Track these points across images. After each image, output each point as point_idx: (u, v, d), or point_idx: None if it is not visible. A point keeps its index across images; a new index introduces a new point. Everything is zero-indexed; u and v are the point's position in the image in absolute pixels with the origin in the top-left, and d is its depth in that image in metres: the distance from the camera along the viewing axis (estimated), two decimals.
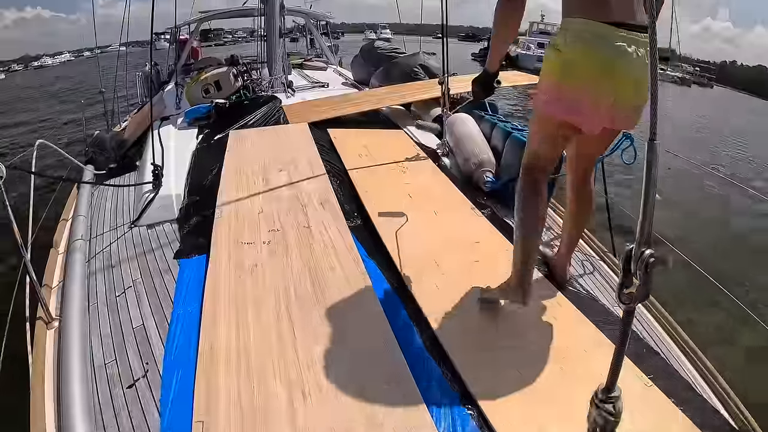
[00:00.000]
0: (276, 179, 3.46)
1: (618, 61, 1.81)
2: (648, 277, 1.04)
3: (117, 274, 2.65)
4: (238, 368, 1.82)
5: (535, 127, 2.16)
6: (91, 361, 2.01)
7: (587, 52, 1.85)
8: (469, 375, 1.85)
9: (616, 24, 1.81)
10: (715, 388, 2.12)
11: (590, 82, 1.87)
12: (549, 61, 1.98)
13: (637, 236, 1.05)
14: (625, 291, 1.10)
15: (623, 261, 1.08)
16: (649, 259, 1.03)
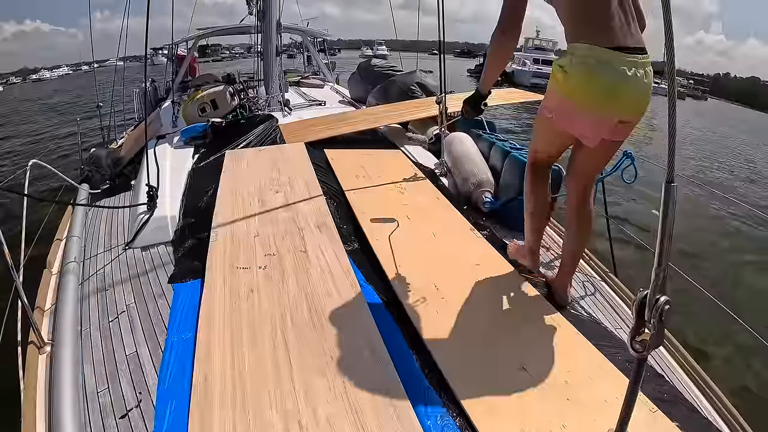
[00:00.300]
0: (272, 201, 3.42)
1: (621, 85, 1.99)
2: (662, 326, 1.01)
3: (110, 298, 2.61)
4: (234, 399, 1.77)
5: (539, 131, 2.50)
6: (83, 389, 1.97)
7: (592, 76, 2.01)
8: (470, 404, 1.81)
9: (617, 48, 1.98)
10: (722, 412, 2.10)
11: (595, 103, 2.06)
12: (556, 80, 2.15)
13: (651, 282, 1.02)
14: (638, 339, 1.06)
15: (636, 307, 1.05)
16: (664, 306, 1.00)
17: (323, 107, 6.86)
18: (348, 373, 1.90)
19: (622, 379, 1.96)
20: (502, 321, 2.32)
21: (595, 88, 2.03)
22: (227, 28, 10.47)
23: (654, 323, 1.02)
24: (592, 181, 2.48)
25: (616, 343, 2.34)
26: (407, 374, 1.95)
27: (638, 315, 1.05)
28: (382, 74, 7.13)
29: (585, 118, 2.12)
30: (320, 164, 4.19)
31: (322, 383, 1.84)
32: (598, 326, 2.50)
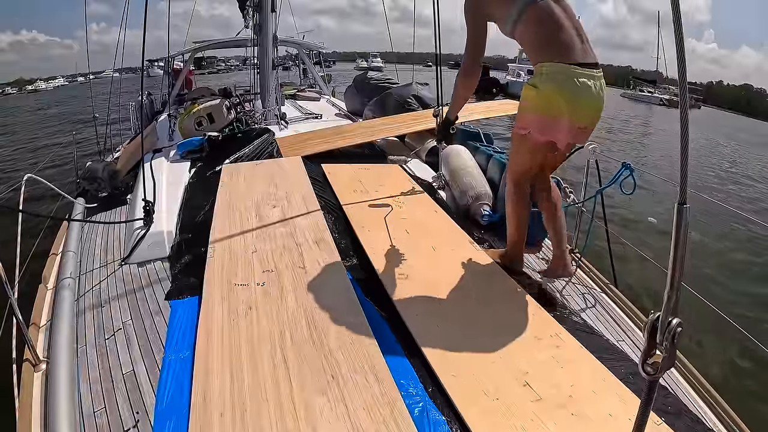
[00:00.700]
0: (269, 216, 3.40)
1: (584, 94, 2.41)
2: (674, 348, 1.02)
3: (106, 314, 2.58)
4: (233, 419, 1.74)
5: (518, 150, 2.76)
6: (80, 409, 1.93)
7: (561, 89, 2.42)
8: (473, 421, 1.79)
9: (578, 64, 2.41)
10: (726, 422, 2.09)
11: (565, 111, 2.43)
12: (529, 98, 2.56)
13: (663, 304, 1.02)
14: (649, 361, 1.07)
15: (648, 330, 1.05)
16: (676, 329, 1.00)
17: (320, 120, 6.86)
18: (349, 392, 1.87)
19: (626, 393, 1.96)
20: (504, 335, 2.29)
21: (564, 97, 2.42)
22: (224, 41, 10.49)
23: (666, 346, 1.02)
24: (554, 170, 2.99)
25: (618, 355, 2.33)
26: (409, 392, 1.94)
27: (650, 337, 1.05)
28: (378, 87, 7.14)
29: (558, 126, 2.48)
30: (317, 178, 4.18)
31: (323, 402, 1.82)
32: (600, 339, 2.49)
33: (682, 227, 1.01)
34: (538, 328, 2.35)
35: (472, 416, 1.82)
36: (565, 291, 3.02)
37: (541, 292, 2.87)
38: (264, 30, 6.37)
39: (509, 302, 2.57)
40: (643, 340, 1.05)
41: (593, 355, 2.19)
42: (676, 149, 1.00)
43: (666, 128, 27.19)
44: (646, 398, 1.12)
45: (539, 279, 3.08)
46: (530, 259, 3.37)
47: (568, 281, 3.11)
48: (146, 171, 3.65)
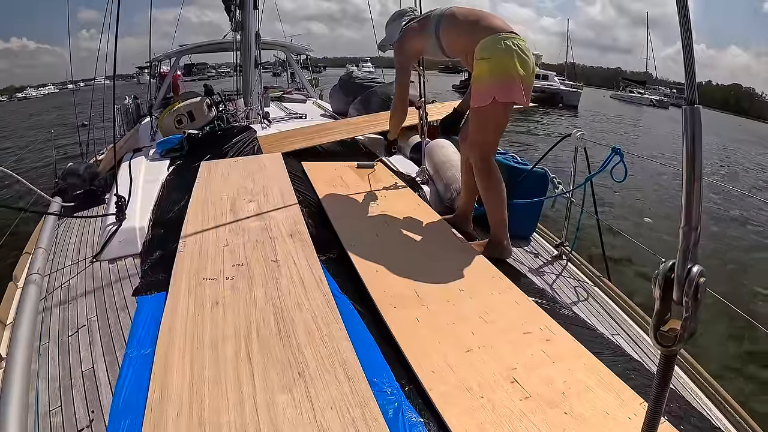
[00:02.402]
0: (244, 210, 3.27)
1: (522, 52, 2.77)
2: (698, 306, 0.76)
3: (72, 311, 2.47)
4: (190, 419, 1.59)
5: (485, 123, 2.95)
6: (36, 408, 1.83)
7: (507, 51, 2.75)
8: (456, 423, 1.64)
9: (505, 32, 2.81)
10: (733, 417, 2.02)
11: (516, 69, 2.75)
12: (485, 70, 2.82)
13: (680, 248, 0.79)
14: (664, 328, 0.81)
15: (660, 284, 0.81)
16: (698, 279, 0.75)
17: (304, 120, 6.74)
18: (317, 391, 1.72)
19: (624, 390, 1.82)
20: (490, 329, 2.15)
21: (512, 57, 2.74)
22: (209, 43, 10.39)
23: (687, 303, 0.76)
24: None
25: (614, 350, 2.23)
26: (383, 392, 1.78)
27: (663, 294, 0.80)
28: (363, 86, 7.05)
29: (515, 84, 2.76)
30: (298, 174, 4.07)
31: (287, 401, 1.67)
32: (594, 333, 2.38)
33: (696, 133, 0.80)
34: (527, 322, 2.21)
35: (453, 417, 1.66)
36: (556, 284, 2.93)
37: (530, 285, 2.76)
38: (246, 27, 6.27)
39: (495, 294, 2.43)
40: (639, 336, 0.86)
41: (587, 350, 2.05)
42: (670, 145, 0.82)
43: (657, 127, 27.38)
44: (661, 378, 0.86)
45: (527, 272, 2.96)
46: (518, 253, 3.25)
47: (558, 274, 3.01)
48: (123, 169, 3.55)
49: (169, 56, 10.46)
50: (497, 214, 2.97)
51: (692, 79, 0.81)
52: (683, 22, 0.85)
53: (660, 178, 9.86)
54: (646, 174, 11.87)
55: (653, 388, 0.88)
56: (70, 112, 14.89)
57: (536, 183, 3.55)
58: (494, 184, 2.97)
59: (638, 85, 57.40)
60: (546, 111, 30.95)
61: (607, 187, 8.33)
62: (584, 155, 3.31)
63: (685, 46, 0.83)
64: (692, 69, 0.82)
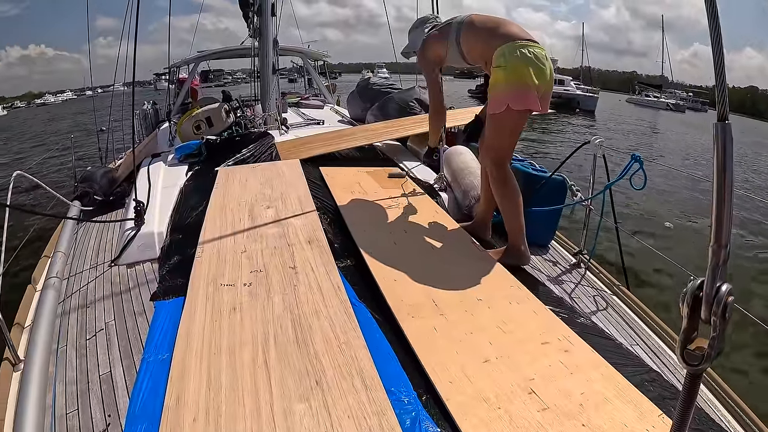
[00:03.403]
0: (262, 216, 3.27)
1: (540, 61, 2.79)
2: (725, 325, 0.76)
3: (90, 315, 2.48)
4: (206, 425, 1.59)
5: (499, 129, 2.99)
6: (53, 411, 1.85)
7: (524, 59, 2.77)
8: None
9: (523, 40, 2.82)
10: (741, 418, 2.01)
11: (532, 77, 2.76)
12: (500, 77, 2.84)
13: (709, 266, 0.78)
14: (691, 347, 0.81)
15: (689, 302, 0.80)
16: (727, 299, 0.75)
17: (321, 126, 6.73)
18: (334, 400, 1.71)
19: (643, 401, 1.80)
20: (508, 339, 2.13)
21: (529, 66, 2.76)
22: (227, 49, 10.45)
23: (715, 322, 0.76)
24: None
25: (633, 361, 2.19)
26: (400, 402, 1.77)
27: (691, 313, 0.80)
28: (381, 92, 7.01)
29: (530, 92, 2.78)
30: (316, 181, 4.07)
31: (304, 409, 1.66)
32: (613, 343, 2.35)
33: (727, 151, 0.80)
34: (545, 332, 2.19)
35: (470, 427, 1.65)
36: (574, 293, 2.90)
37: (548, 294, 2.74)
38: (264, 33, 6.29)
39: (513, 304, 2.41)
40: (659, 346, 0.84)
41: (606, 361, 2.03)
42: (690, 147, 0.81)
43: (674, 132, 27.11)
44: (687, 396, 0.86)
45: (546, 280, 2.94)
46: (537, 261, 3.23)
47: (577, 283, 2.98)
48: (142, 174, 3.57)
49: (188, 62, 10.55)
50: (514, 221, 2.97)
51: (723, 96, 0.82)
52: (715, 46, 0.85)
53: (680, 183, 9.75)
54: (667, 180, 11.77)
55: (678, 407, 0.87)
56: (87, 117, 15.10)
57: (555, 190, 3.52)
58: (510, 191, 2.98)
59: (654, 88, 56.98)
60: (563, 116, 30.76)
61: (626, 195, 8.27)
62: (603, 162, 3.27)
63: (717, 67, 0.82)
64: (723, 86, 0.82)
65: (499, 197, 3.04)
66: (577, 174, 6.26)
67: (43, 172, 10.86)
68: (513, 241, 2.99)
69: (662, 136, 27.38)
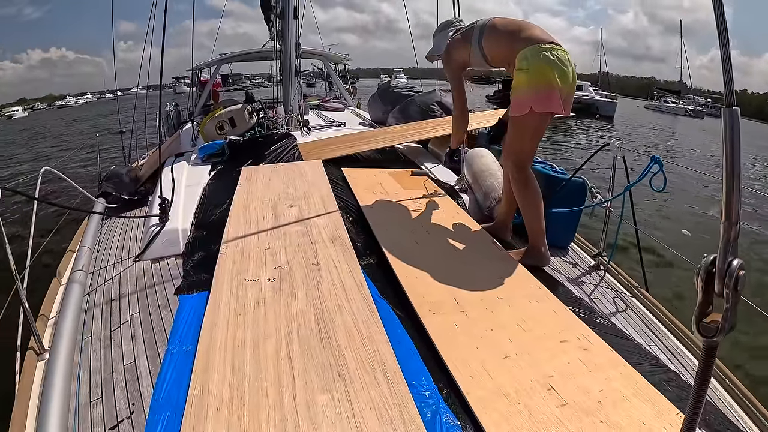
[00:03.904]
0: (286, 215, 3.32)
1: (563, 63, 2.78)
2: (738, 298, 0.81)
3: (115, 308, 2.54)
4: (230, 416, 1.63)
5: (521, 132, 2.99)
6: (77, 398, 1.89)
7: (547, 62, 2.77)
8: (493, 428, 1.64)
9: (546, 43, 2.82)
10: (753, 413, 2.02)
11: (555, 79, 2.76)
12: (523, 80, 2.84)
13: (720, 242, 0.83)
14: (706, 320, 0.85)
15: (702, 277, 0.85)
16: (738, 272, 0.80)
17: (342, 128, 6.78)
18: (356, 392, 1.75)
19: (660, 400, 1.81)
20: (528, 336, 2.15)
21: (551, 68, 2.76)
22: (249, 52, 10.54)
23: (728, 294, 0.81)
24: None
25: (651, 361, 2.20)
26: (421, 395, 1.80)
27: (705, 287, 0.84)
28: (402, 95, 7.04)
29: (552, 94, 2.77)
30: (338, 181, 4.11)
31: (326, 400, 1.70)
32: (631, 343, 2.36)
33: (735, 133, 0.84)
34: (565, 330, 2.20)
35: (490, 421, 1.67)
36: (594, 294, 2.91)
37: (568, 295, 2.75)
38: (287, 36, 6.34)
39: (533, 303, 2.43)
40: (677, 347, 0.88)
41: (624, 360, 2.04)
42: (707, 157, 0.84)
43: (692, 138, 26.80)
44: (703, 369, 0.90)
45: (565, 281, 2.95)
46: (556, 262, 3.24)
47: (596, 284, 2.99)
48: (165, 172, 3.64)
49: (210, 64, 10.67)
50: (534, 223, 2.98)
51: (730, 83, 0.86)
52: (720, 26, 0.87)
53: (698, 186, 9.66)
54: (686, 184, 11.68)
55: (695, 379, 0.92)
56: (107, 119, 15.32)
57: (575, 192, 3.52)
58: (530, 192, 3.00)
59: (672, 94, 56.31)
60: (582, 122, 30.52)
61: (646, 197, 8.22)
62: (623, 164, 3.28)
63: (723, 52, 0.86)
64: (730, 74, 0.86)
65: (520, 199, 3.05)
66: (597, 176, 6.24)
67: (67, 170, 11.03)
68: (533, 242, 3.01)
69: (681, 143, 27.06)
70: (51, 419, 1.69)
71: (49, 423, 1.67)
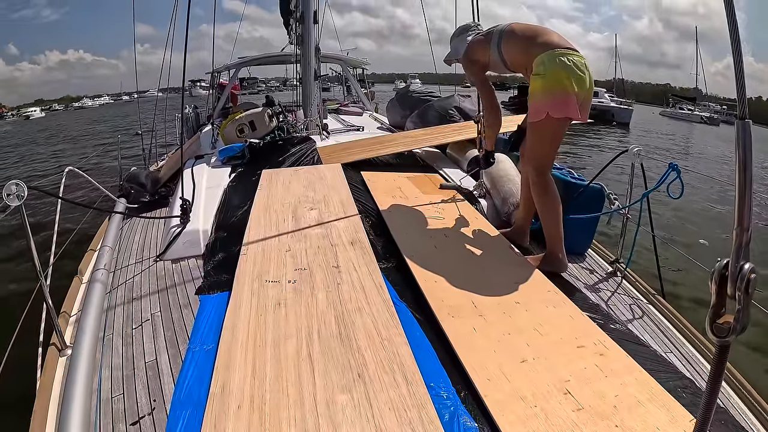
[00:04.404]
0: (306, 218, 3.36)
1: (579, 68, 2.79)
2: (749, 299, 0.85)
3: (136, 306, 2.60)
4: (250, 413, 1.67)
5: (540, 137, 3.00)
6: (98, 394, 1.94)
7: (563, 67, 2.78)
8: (510, 431, 1.66)
9: (562, 48, 2.84)
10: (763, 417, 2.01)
11: (570, 85, 2.77)
12: (539, 85, 2.86)
13: (733, 247, 0.87)
14: (719, 322, 0.89)
15: (716, 280, 0.89)
16: (749, 275, 0.84)
17: (361, 132, 6.81)
18: (375, 392, 1.78)
19: (675, 406, 1.81)
20: (545, 341, 2.17)
21: (567, 74, 2.77)
22: (269, 56, 10.62)
23: (739, 296, 0.85)
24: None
25: (667, 367, 2.21)
26: (440, 396, 1.83)
27: (719, 290, 0.88)
28: (420, 100, 7.06)
29: (569, 99, 2.78)
30: (357, 185, 4.14)
31: (346, 400, 1.73)
32: (647, 349, 2.36)
33: (747, 147, 0.89)
34: (581, 336, 2.22)
35: (507, 424, 1.69)
36: (610, 301, 2.91)
37: (585, 301, 2.76)
38: (306, 41, 6.39)
39: (550, 308, 2.44)
40: (693, 355, 0.91)
41: (640, 366, 2.05)
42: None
43: (708, 146, 26.51)
44: (716, 367, 0.95)
45: (582, 287, 2.96)
46: (573, 268, 3.25)
47: (613, 291, 2.99)
48: (186, 173, 3.68)
49: (229, 68, 10.76)
50: (553, 229, 2.99)
51: (743, 97, 0.90)
52: (734, 41, 0.91)
53: (715, 194, 9.56)
54: (704, 192, 11.59)
55: (708, 378, 0.96)
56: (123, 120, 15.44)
57: (592, 198, 3.52)
58: (550, 198, 3.00)
59: (688, 101, 55.60)
60: (597, 128, 30.27)
61: (664, 204, 8.16)
62: (641, 171, 3.27)
63: (737, 68, 0.89)
64: (743, 87, 0.90)
65: (539, 205, 3.06)
66: (615, 183, 6.22)
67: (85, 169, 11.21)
68: (551, 248, 3.02)
69: (699, 150, 26.76)
70: (74, 413, 1.72)
71: (72, 417, 1.70)
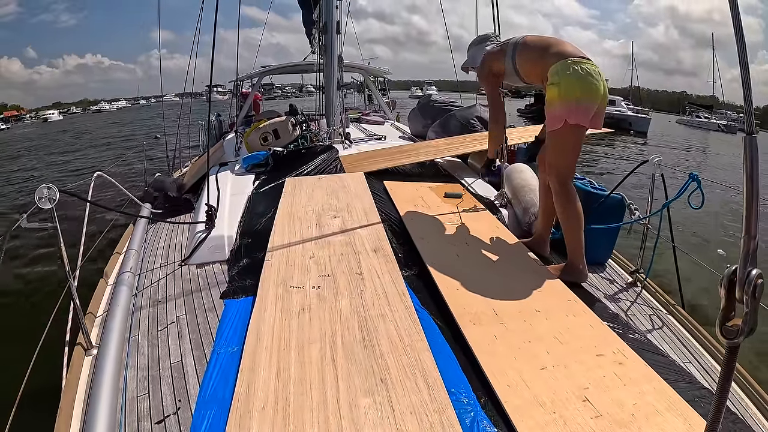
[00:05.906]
0: (329, 225, 3.41)
1: (593, 76, 2.83)
2: (756, 303, 0.90)
3: (162, 309, 2.66)
4: (274, 415, 1.71)
5: (561, 145, 3.01)
6: (123, 393, 1.98)
7: (577, 76, 2.83)
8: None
9: (576, 57, 2.89)
10: None
11: (585, 93, 2.83)
12: (555, 94, 2.90)
13: (741, 254, 0.92)
14: (729, 324, 0.94)
15: (725, 286, 0.94)
16: (756, 281, 0.88)
17: (383, 141, 6.86)
18: (397, 396, 1.82)
19: (693, 415, 1.83)
20: (564, 350, 2.19)
21: (582, 82, 2.82)
22: (291, 65, 10.71)
23: (747, 300, 0.90)
24: None
25: (685, 377, 2.21)
26: (460, 402, 1.86)
27: (728, 294, 0.93)
28: (442, 109, 7.09)
29: (584, 107, 2.84)
30: (379, 194, 4.18)
31: (369, 403, 1.77)
32: (666, 359, 2.37)
33: (754, 158, 0.94)
34: (601, 344, 2.24)
35: (526, 429, 1.72)
36: (630, 311, 2.92)
37: (605, 310, 2.78)
38: (329, 51, 6.46)
39: (570, 317, 2.47)
40: (711, 365, 0.95)
41: (658, 375, 2.06)
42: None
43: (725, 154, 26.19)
44: (726, 368, 0.99)
45: (602, 297, 2.97)
46: (594, 278, 3.27)
47: (633, 301, 3.00)
48: (211, 180, 3.75)
49: (252, 76, 10.86)
50: (574, 238, 3.00)
51: (750, 113, 0.96)
52: (741, 59, 0.95)
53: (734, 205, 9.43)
54: (723, 202, 11.45)
55: (719, 378, 0.99)
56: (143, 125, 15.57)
57: (613, 208, 3.53)
58: (572, 207, 3.01)
59: (704, 109, 54.77)
60: (615, 138, 29.90)
61: (684, 214, 8.09)
62: (661, 181, 3.27)
63: (744, 85, 0.94)
64: (750, 104, 0.96)
65: (561, 214, 3.07)
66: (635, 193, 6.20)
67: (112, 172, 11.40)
68: (572, 258, 3.03)
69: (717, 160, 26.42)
70: (100, 411, 1.76)
71: (98, 414, 1.74)
